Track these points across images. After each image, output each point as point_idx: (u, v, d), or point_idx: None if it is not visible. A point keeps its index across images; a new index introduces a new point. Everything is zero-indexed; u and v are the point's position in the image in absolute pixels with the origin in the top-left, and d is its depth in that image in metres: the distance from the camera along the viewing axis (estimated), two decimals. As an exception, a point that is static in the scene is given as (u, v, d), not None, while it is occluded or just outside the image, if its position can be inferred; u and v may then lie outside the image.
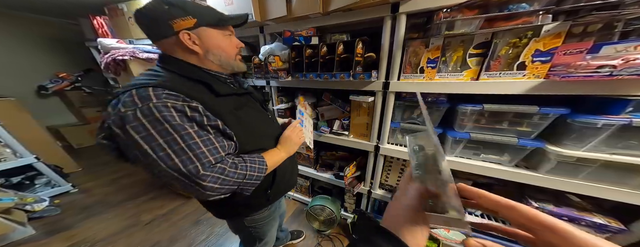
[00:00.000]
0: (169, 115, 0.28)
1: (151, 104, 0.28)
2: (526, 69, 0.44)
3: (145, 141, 0.28)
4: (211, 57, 0.37)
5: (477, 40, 0.48)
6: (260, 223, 0.50)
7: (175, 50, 0.35)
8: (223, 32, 0.37)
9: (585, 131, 0.42)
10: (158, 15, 0.32)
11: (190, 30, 0.33)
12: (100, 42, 1.02)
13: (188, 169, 0.28)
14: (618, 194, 0.45)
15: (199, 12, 0.33)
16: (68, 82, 1.83)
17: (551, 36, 0.40)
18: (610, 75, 0.34)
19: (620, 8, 0.33)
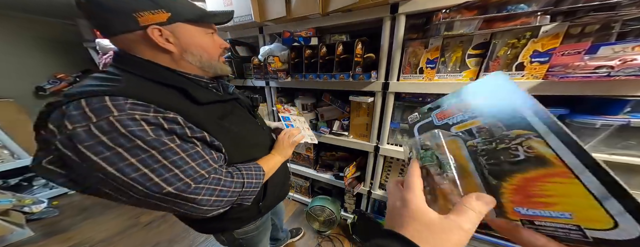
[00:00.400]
0: (138, 129, 0.22)
1: (111, 117, 0.21)
2: (525, 69, 0.44)
3: (109, 162, 0.21)
4: (189, 58, 0.31)
5: (476, 41, 0.48)
6: (252, 234, 0.46)
7: (139, 48, 0.28)
8: (204, 29, 0.32)
9: (584, 131, 0.43)
10: (117, 4, 0.25)
11: (162, 26, 0.27)
12: (99, 42, 1.03)
13: (176, 186, 0.24)
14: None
15: (174, 6, 0.28)
16: (66, 83, 1.83)
17: (549, 37, 0.40)
18: (608, 76, 0.35)
19: (617, 9, 0.33)
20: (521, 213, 0.11)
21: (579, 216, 0.10)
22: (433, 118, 0.18)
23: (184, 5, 0.29)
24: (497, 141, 0.13)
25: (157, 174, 0.23)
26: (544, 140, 0.11)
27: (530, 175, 0.11)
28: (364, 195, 0.91)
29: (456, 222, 0.12)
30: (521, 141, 0.12)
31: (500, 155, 0.12)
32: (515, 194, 0.12)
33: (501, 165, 0.12)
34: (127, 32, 0.27)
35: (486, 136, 0.13)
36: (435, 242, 0.12)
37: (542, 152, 0.11)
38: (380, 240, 0.13)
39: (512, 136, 0.12)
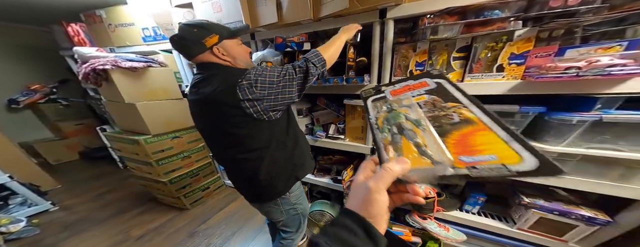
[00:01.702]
0: (269, 72, 0.46)
1: (261, 70, 0.45)
2: (504, 71, 0.49)
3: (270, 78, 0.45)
4: (240, 63, 0.50)
5: (459, 45, 0.52)
6: (301, 198, 0.62)
7: (211, 61, 0.47)
8: (236, 41, 0.50)
9: (562, 127, 0.47)
10: (192, 37, 0.44)
11: (217, 45, 0.46)
12: (77, 51, 0.96)
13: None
14: (599, 186, 0.49)
15: (217, 30, 0.46)
16: (41, 95, 1.72)
17: (523, 40, 0.45)
18: (577, 76, 0.39)
19: (576, 16, 0.38)
20: (465, 161, 0.16)
21: (500, 156, 0.15)
22: (387, 94, 0.25)
23: (222, 27, 0.47)
24: (439, 110, 0.20)
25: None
26: (468, 109, 0.18)
27: (463, 131, 0.17)
28: (363, 197, 0.93)
29: (366, 182, 0.18)
30: (455, 109, 0.19)
31: (442, 119, 0.19)
32: (456, 146, 0.17)
33: (443, 126, 0.19)
34: (202, 53, 0.46)
35: (430, 107, 0.21)
36: (350, 197, 0.19)
37: (469, 116, 0.18)
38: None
39: (448, 106, 0.19)
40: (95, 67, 0.91)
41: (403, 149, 0.19)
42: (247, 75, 0.43)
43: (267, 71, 0.44)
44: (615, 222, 0.53)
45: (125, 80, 0.95)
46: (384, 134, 0.21)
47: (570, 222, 0.58)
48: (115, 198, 1.34)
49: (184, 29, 0.44)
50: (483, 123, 0.17)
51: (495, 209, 0.75)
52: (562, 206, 0.58)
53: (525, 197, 0.63)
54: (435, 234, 0.75)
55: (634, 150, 0.43)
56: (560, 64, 0.41)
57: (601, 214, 0.54)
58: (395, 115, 0.22)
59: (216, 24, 0.47)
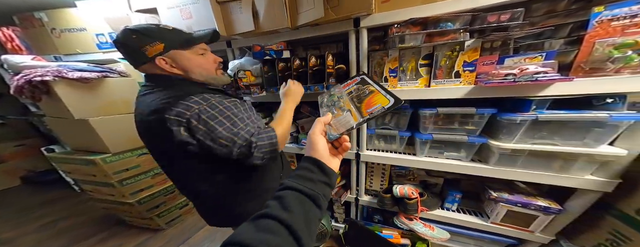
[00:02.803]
0: (226, 105, 0.39)
1: (212, 100, 0.38)
2: (461, 76, 0.57)
3: (218, 123, 0.37)
4: (194, 76, 0.44)
5: (424, 52, 0.60)
6: None
7: (159, 74, 0.42)
8: (195, 50, 0.43)
9: (510, 126, 0.56)
10: (130, 44, 0.38)
11: (163, 55, 0.39)
12: (6, 60, 0.82)
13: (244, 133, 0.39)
14: (545, 178, 0.58)
15: (165, 37, 0.39)
16: None
17: (471, 50, 0.54)
18: (513, 82, 0.48)
19: (508, 30, 0.47)
20: (368, 111, 0.30)
21: (382, 103, 0.30)
22: (332, 89, 0.45)
23: (174, 34, 0.41)
24: (360, 91, 0.37)
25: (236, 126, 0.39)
26: (372, 85, 0.36)
27: (370, 97, 0.33)
28: (352, 203, 0.95)
29: (309, 134, 0.31)
30: (366, 88, 0.36)
31: (361, 94, 0.36)
32: (366, 106, 0.32)
33: (361, 97, 0.35)
34: (145, 63, 0.40)
35: (356, 91, 0.38)
36: (305, 149, 0.32)
37: (371, 89, 0.35)
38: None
39: (364, 87, 0.37)
40: (31, 79, 0.77)
41: (336, 113, 0.35)
42: (185, 105, 0.35)
43: (218, 111, 0.37)
44: (565, 210, 0.62)
45: (73, 93, 0.84)
46: (323, 109, 0.40)
47: (532, 213, 0.66)
48: (70, 226, 1.17)
49: (124, 34, 0.38)
50: (377, 90, 0.33)
51: (472, 205, 0.83)
52: (523, 198, 0.67)
53: (493, 191, 0.71)
54: (422, 234, 0.80)
55: (566, 144, 0.53)
56: (501, 71, 0.50)
57: (553, 203, 0.63)
58: (331, 97, 0.42)
59: (167, 30, 0.39)
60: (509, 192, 0.70)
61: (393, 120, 0.75)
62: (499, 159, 0.62)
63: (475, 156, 0.69)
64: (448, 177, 0.84)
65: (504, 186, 0.73)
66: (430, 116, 0.66)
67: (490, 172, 0.64)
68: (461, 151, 0.69)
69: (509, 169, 0.61)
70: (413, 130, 0.73)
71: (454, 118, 0.64)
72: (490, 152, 0.63)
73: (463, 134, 0.64)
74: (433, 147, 0.71)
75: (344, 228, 0.93)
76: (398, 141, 0.76)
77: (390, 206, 0.81)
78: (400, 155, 0.77)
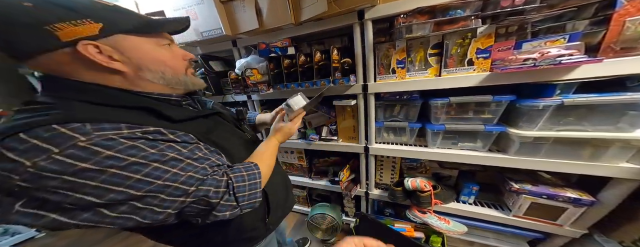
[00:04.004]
0: (127, 146, 0.22)
1: (80, 142, 0.20)
2: (474, 64, 0.57)
3: (112, 183, 0.21)
4: (149, 76, 0.28)
5: (433, 42, 0.61)
6: None
7: (74, 71, 0.25)
8: (157, 40, 0.29)
9: (531, 113, 0.55)
10: (12, 15, 0.21)
11: (97, 40, 0.24)
12: None
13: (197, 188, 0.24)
14: (574, 167, 0.57)
15: (103, 14, 0.24)
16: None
17: (485, 36, 0.53)
18: (534, 66, 0.47)
19: (524, 14, 0.46)
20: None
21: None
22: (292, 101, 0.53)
23: (120, 13, 0.26)
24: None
25: (171, 181, 0.23)
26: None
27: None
28: (362, 197, 0.99)
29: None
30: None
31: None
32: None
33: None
34: (44, 52, 0.22)
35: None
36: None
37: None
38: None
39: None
40: None
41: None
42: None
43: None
44: (599, 201, 0.60)
45: None
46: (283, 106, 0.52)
47: (560, 205, 0.65)
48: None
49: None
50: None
51: (490, 198, 0.83)
52: (549, 189, 0.66)
53: (514, 183, 0.71)
54: (437, 227, 0.81)
55: (597, 129, 0.51)
56: (519, 56, 0.50)
57: (585, 194, 0.61)
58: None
59: (106, 4, 0.25)
60: (533, 183, 0.69)
61: (402, 112, 0.77)
62: (519, 148, 0.61)
63: (492, 146, 0.69)
64: (463, 169, 0.84)
65: (526, 177, 0.72)
66: (442, 106, 0.66)
67: (511, 163, 0.63)
68: (477, 141, 0.69)
69: (531, 158, 0.61)
70: (424, 121, 0.74)
71: (468, 107, 0.64)
72: (510, 141, 0.63)
73: (479, 123, 0.64)
74: (446, 138, 0.72)
75: (355, 222, 0.98)
76: (408, 133, 0.78)
77: (402, 199, 0.84)
78: (410, 147, 0.78)
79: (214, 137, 0.33)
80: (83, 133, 0.21)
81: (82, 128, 0.21)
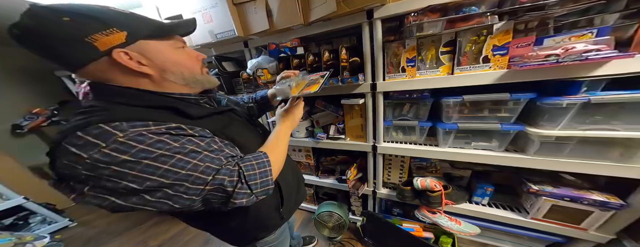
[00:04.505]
0: (155, 140, 0.25)
1: (118, 138, 0.24)
2: (490, 61, 0.55)
3: (148, 172, 0.25)
4: (171, 77, 0.32)
5: (445, 39, 0.60)
6: (272, 244, 0.50)
7: (113, 77, 0.28)
8: (172, 43, 0.32)
9: (554, 111, 0.53)
10: (62, 32, 0.24)
11: (126, 47, 0.27)
12: None
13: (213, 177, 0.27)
14: (601, 168, 0.54)
15: (125, 22, 0.27)
16: (44, 118, 1.83)
17: (502, 33, 0.51)
18: (557, 63, 0.45)
19: (545, 9, 0.44)
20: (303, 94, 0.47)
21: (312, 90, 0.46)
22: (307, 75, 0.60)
23: (139, 20, 0.28)
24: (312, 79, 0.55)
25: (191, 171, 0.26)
26: (320, 80, 0.52)
27: (311, 84, 0.52)
28: (370, 196, 1.00)
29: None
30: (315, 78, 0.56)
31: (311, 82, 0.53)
32: (307, 88, 0.49)
33: (309, 83, 0.52)
34: (90, 62, 0.26)
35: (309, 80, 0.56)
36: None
37: (315, 79, 0.56)
38: None
39: (313, 77, 0.57)
40: None
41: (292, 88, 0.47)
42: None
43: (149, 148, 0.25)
44: (628, 205, 0.56)
45: None
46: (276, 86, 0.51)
47: (585, 208, 0.61)
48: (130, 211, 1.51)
49: (40, 16, 0.23)
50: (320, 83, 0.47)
51: (506, 199, 0.80)
52: (572, 191, 0.62)
53: (532, 184, 0.68)
54: (447, 228, 0.80)
55: (628, 129, 0.48)
56: (541, 53, 0.47)
57: (613, 197, 0.58)
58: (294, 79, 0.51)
59: (125, 12, 0.28)
60: (553, 185, 0.66)
61: (412, 110, 0.76)
62: (539, 148, 0.59)
63: (509, 146, 0.67)
64: (477, 169, 0.81)
65: (546, 178, 0.69)
66: (455, 105, 0.65)
67: (530, 163, 0.61)
68: (492, 141, 0.67)
69: (553, 159, 0.58)
70: (435, 120, 0.72)
71: (483, 105, 0.63)
72: (529, 140, 0.60)
73: (494, 121, 0.62)
74: (458, 138, 0.71)
75: (362, 221, 0.99)
76: (418, 132, 0.77)
77: (410, 199, 0.84)
78: (420, 146, 0.77)
79: (228, 132, 0.36)
80: (121, 130, 0.25)
81: (119, 126, 0.25)
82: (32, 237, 1.12)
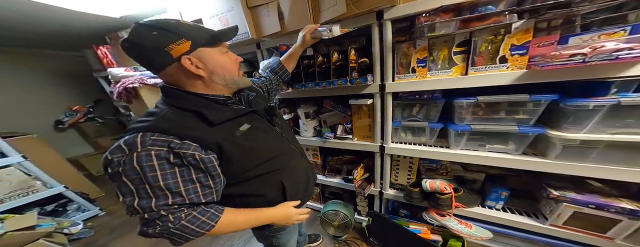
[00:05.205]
0: (147, 165, 0.31)
1: (135, 153, 0.31)
2: (508, 61, 0.53)
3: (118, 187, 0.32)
4: (216, 79, 0.38)
5: (458, 39, 0.58)
6: (281, 233, 0.55)
7: (180, 78, 0.36)
8: (220, 49, 0.39)
9: (579, 113, 0.49)
10: (150, 43, 0.32)
11: (189, 54, 0.34)
12: (111, 72, 1.21)
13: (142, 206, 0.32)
14: (632, 174, 0.50)
15: (190, 33, 0.34)
16: (81, 115, 2.11)
17: (521, 32, 0.49)
18: (583, 62, 0.42)
19: (571, 6, 0.41)
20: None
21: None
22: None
23: (198, 30, 0.35)
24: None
25: (145, 196, 0.32)
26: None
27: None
28: (376, 196, 0.99)
29: None
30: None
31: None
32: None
33: None
34: (167, 66, 0.34)
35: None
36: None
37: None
38: None
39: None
40: (127, 86, 1.15)
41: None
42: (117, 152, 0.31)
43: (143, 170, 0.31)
44: (664, 214, 0.52)
45: (151, 96, 1.17)
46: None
47: (612, 217, 0.57)
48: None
49: (139, 31, 0.32)
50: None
51: (522, 205, 0.76)
52: (598, 198, 0.58)
53: (553, 190, 0.64)
54: (457, 231, 0.78)
55: (666, 133, 0.44)
56: (565, 52, 0.45)
57: None
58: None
59: (190, 25, 0.35)
60: (577, 190, 0.62)
61: (422, 111, 0.75)
62: (562, 152, 0.55)
63: (528, 149, 0.63)
64: (491, 172, 0.78)
65: (569, 184, 0.65)
66: (468, 106, 0.63)
67: (552, 168, 0.57)
68: (509, 143, 0.64)
69: (578, 163, 0.54)
70: (446, 121, 0.71)
71: (499, 107, 0.60)
72: (550, 144, 0.57)
73: (512, 124, 0.60)
74: (471, 140, 0.68)
75: (368, 221, 0.99)
76: (428, 133, 0.75)
77: (418, 201, 0.82)
78: (430, 148, 0.76)
79: (241, 140, 0.39)
80: (141, 144, 0.32)
81: (146, 140, 0.32)
82: (69, 223, 1.26)
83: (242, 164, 0.40)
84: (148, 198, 0.32)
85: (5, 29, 1.33)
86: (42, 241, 1.03)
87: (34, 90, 1.93)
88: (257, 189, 0.44)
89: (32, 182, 1.25)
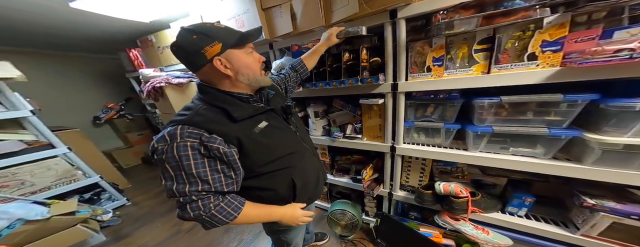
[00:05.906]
0: (185, 154, 0.35)
1: (175, 143, 0.35)
2: (538, 59, 0.48)
3: (163, 170, 0.37)
4: (241, 78, 0.41)
5: (480, 37, 0.54)
6: (288, 229, 0.58)
7: (212, 76, 0.40)
8: (245, 50, 0.41)
9: (624, 115, 0.44)
10: (190, 46, 0.36)
11: (220, 56, 0.38)
12: (142, 72, 1.33)
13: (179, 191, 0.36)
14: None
15: (222, 36, 0.37)
16: (115, 111, 2.34)
17: (555, 27, 0.44)
18: (631, 58, 0.37)
19: None
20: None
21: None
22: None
23: (227, 33, 0.39)
24: None
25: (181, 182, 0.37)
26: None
27: None
28: (385, 197, 0.96)
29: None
30: None
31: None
32: None
33: None
34: (204, 65, 0.39)
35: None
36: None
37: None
38: None
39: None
40: (155, 85, 1.24)
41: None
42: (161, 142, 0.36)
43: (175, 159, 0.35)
44: None
45: (175, 94, 1.25)
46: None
47: None
48: (168, 196, 1.76)
49: (182, 36, 0.37)
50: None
51: (549, 212, 0.70)
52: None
53: (588, 198, 0.57)
54: (472, 236, 0.73)
55: None
56: (608, 47, 0.39)
57: None
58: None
59: (222, 28, 0.39)
60: (617, 200, 0.55)
61: (436, 111, 0.71)
62: (600, 157, 0.49)
63: (559, 153, 0.57)
64: (514, 177, 0.72)
65: (607, 192, 0.58)
66: (490, 106, 0.58)
67: (587, 173, 0.52)
68: (537, 147, 0.58)
69: (618, 170, 0.48)
70: (463, 122, 0.66)
71: (526, 107, 0.55)
72: (586, 148, 0.51)
73: (541, 126, 0.54)
74: (492, 142, 0.63)
75: (376, 222, 0.97)
76: (443, 135, 0.71)
77: (430, 204, 0.78)
78: (445, 149, 0.72)
79: (260, 136, 0.42)
80: (180, 135, 0.36)
81: (184, 132, 0.36)
82: (101, 211, 1.38)
83: (257, 160, 0.42)
84: (183, 183, 0.37)
85: (61, 37, 1.55)
86: (80, 226, 1.14)
87: (81, 90, 2.19)
88: (269, 184, 0.46)
89: (74, 171, 1.38)
